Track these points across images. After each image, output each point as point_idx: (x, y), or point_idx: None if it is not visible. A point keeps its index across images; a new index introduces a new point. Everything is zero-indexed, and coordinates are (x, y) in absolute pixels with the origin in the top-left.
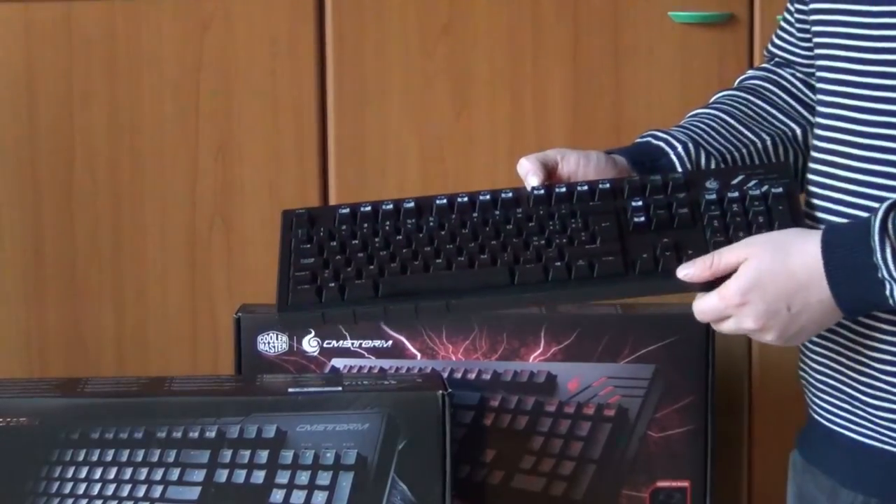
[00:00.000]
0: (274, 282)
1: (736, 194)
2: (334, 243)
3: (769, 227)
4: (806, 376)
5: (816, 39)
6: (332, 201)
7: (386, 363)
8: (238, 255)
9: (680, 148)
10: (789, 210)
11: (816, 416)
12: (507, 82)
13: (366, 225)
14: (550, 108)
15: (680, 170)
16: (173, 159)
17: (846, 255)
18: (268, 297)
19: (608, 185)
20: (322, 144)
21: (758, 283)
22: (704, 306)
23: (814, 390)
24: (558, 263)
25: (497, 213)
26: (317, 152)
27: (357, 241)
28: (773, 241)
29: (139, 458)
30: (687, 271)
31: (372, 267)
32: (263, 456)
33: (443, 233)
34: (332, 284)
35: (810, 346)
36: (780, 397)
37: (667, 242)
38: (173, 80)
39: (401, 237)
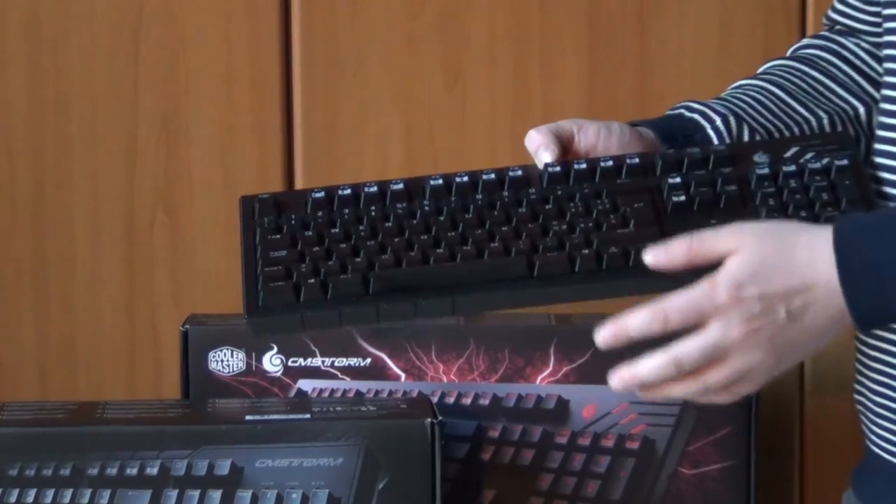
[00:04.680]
0: (228, 286)
1: (792, 168)
2: (309, 233)
3: (835, 204)
4: (863, 399)
5: None
6: None
7: (363, 385)
8: (185, 256)
9: (719, 121)
10: (856, 185)
11: (875, 449)
12: (509, 46)
13: (346, 210)
14: (561, 78)
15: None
16: (106, 138)
17: (864, 244)
18: (220, 305)
19: (637, 161)
20: (286, 122)
21: (755, 275)
22: (676, 304)
23: (871, 416)
24: (586, 251)
25: (505, 194)
26: (280, 131)
27: (337, 230)
28: (769, 230)
29: (66, 500)
30: (657, 256)
31: (359, 259)
32: (216, 497)
33: (441, 217)
34: (312, 281)
35: (867, 361)
36: (841, 426)
37: (714, 225)
38: (107, 41)
39: (390, 223)
